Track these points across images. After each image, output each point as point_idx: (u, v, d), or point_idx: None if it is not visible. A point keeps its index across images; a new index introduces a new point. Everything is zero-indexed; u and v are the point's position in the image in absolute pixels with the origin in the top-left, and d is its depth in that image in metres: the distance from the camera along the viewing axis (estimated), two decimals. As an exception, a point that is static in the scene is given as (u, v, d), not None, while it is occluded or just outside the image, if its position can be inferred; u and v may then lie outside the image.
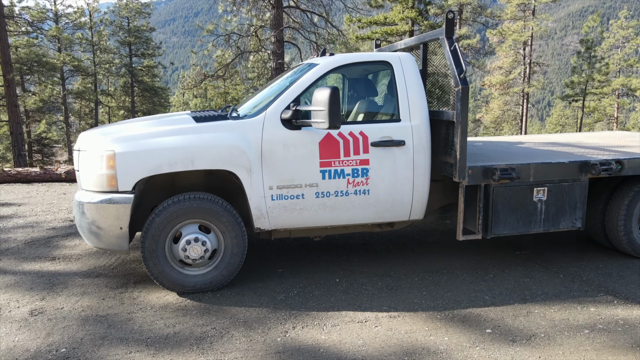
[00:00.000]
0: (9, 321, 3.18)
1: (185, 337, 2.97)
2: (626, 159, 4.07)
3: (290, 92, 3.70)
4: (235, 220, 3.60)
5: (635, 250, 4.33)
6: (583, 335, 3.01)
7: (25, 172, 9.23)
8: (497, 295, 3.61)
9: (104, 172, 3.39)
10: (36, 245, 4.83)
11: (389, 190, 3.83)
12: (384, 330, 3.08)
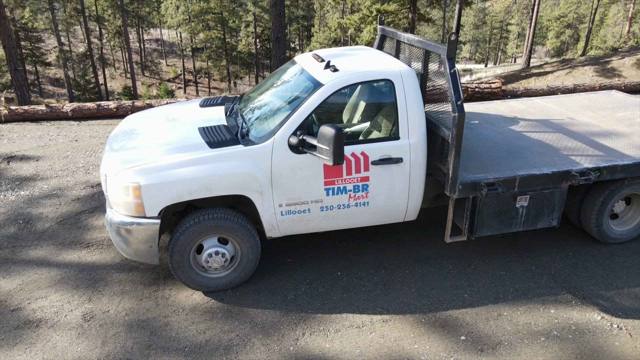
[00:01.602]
0: (67, 327, 3.83)
1: (215, 345, 3.65)
2: (605, 166, 4.43)
3: (296, 117, 3.94)
4: (250, 233, 4.09)
5: (602, 238, 4.89)
6: (539, 343, 3.69)
7: (32, 111, 9.41)
8: (474, 293, 4.25)
9: (131, 200, 3.80)
10: (67, 225, 5.36)
11: (387, 201, 4.26)
12: (377, 337, 3.75)
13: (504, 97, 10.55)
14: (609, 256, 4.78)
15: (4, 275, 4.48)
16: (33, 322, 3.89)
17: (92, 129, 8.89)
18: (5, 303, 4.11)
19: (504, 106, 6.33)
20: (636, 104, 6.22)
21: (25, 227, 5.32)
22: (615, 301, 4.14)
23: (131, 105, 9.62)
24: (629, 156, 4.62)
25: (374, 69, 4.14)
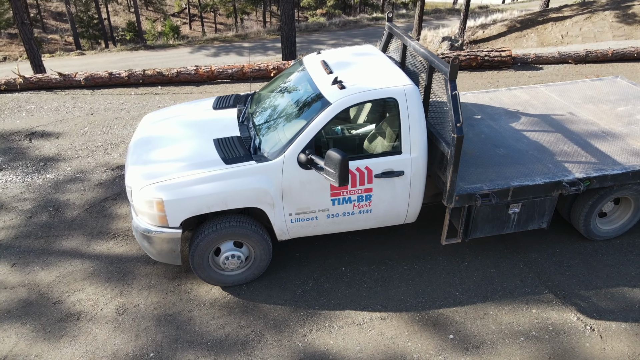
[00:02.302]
0: (104, 321, 4.37)
1: (233, 341, 4.19)
2: (595, 176, 4.71)
3: (305, 135, 4.21)
4: (262, 238, 4.51)
5: (589, 235, 5.26)
6: (518, 343, 4.19)
7: (47, 79, 9.61)
8: (465, 291, 4.71)
9: (155, 213, 4.19)
10: (94, 213, 5.80)
11: (388, 208, 4.62)
12: (376, 334, 4.26)
13: (513, 65, 10.52)
14: (593, 254, 5.18)
15: (43, 266, 4.99)
16: (74, 315, 4.43)
17: (106, 100, 9.13)
18: (47, 295, 4.65)
19: (507, 96, 6.47)
20: (638, 96, 6.33)
21: (56, 215, 5.78)
22: (592, 302, 4.59)
23: (142, 74, 9.77)
24: (619, 164, 4.87)
25: (379, 87, 4.34)
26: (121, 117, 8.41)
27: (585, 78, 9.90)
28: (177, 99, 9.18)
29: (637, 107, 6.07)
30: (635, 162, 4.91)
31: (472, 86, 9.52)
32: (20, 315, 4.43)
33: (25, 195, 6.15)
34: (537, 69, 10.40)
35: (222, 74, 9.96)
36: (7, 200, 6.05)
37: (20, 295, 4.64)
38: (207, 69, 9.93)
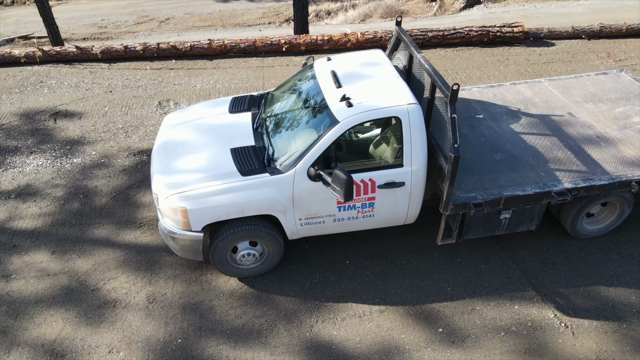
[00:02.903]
0: (137, 309, 5.01)
1: (249, 330, 4.81)
2: (583, 186, 5.08)
3: (314, 151, 4.60)
4: (275, 238, 5.02)
5: (574, 234, 5.71)
6: (498, 338, 4.76)
7: (64, 52, 9.88)
8: (456, 287, 5.24)
9: (179, 219, 4.69)
10: (120, 201, 6.33)
11: (389, 213, 5.07)
12: (374, 326, 4.85)
13: (525, 40, 10.50)
14: (577, 252, 5.64)
15: (79, 254, 5.59)
16: (110, 302, 5.07)
17: (123, 75, 9.42)
18: (85, 283, 5.27)
19: (511, 92, 6.68)
20: (638, 94, 6.52)
21: (86, 202, 6.32)
22: (570, 300, 5.11)
23: (157, 48, 9.97)
24: (607, 174, 5.21)
25: (384, 107, 4.65)
26: (138, 95, 8.75)
27: (596, 56, 9.93)
28: (191, 75, 9.44)
29: (636, 107, 6.29)
30: (623, 171, 5.25)
31: (481, 64, 9.62)
32: (64, 302, 5.08)
33: (56, 181, 6.67)
34: (549, 45, 10.39)
35: (234, 48, 10.12)
36: (40, 187, 6.58)
37: (62, 283, 5.27)
38: (220, 43, 10.09)
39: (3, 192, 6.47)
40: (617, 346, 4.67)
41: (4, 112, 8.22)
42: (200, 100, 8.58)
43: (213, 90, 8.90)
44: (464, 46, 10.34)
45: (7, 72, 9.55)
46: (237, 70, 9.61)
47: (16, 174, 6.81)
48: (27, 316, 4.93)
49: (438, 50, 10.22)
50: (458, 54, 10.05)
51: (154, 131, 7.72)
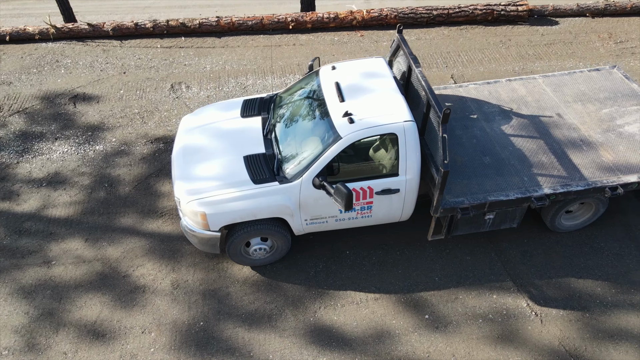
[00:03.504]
0: (163, 294, 5.76)
1: (261, 314, 5.56)
2: (560, 192, 5.62)
3: (319, 164, 5.14)
4: (283, 235, 5.66)
5: (553, 228, 6.32)
6: (477, 325, 5.50)
7: (77, 29, 10.15)
8: (443, 277, 5.93)
9: (199, 220, 5.32)
10: (142, 190, 6.94)
11: (385, 214, 5.68)
12: (369, 313, 5.59)
13: (530, 18, 10.60)
14: (554, 245, 6.28)
15: (109, 242, 6.29)
16: (140, 287, 5.82)
17: (135, 55, 9.75)
18: (117, 269, 6.00)
19: (506, 90, 7.05)
20: (627, 93, 6.88)
21: (111, 191, 6.94)
22: (542, 290, 5.81)
23: (166, 25, 10.20)
24: (585, 179, 5.73)
25: (383, 124, 5.13)
26: (151, 77, 9.14)
27: (598, 37, 10.10)
28: (200, 54, 9.75)
29: (622, 108, 6.68)
30: (599, 177, 5.77)
31: (483, 46, 9.83)
32: (100, 287, 5.83)
33: (82, 169, 7.27)
34: (553, 24, 10.51)
35: (242, 25, 10.33)
36: (68, 175, 7.19)
37: (96, 269, 6.01)
38: (228, 20, 10.29)
39: (35, 180, 7.09)
40: (578, 333, 5.41)
41: (26, 95, 8.68)
42: (210, 83, 8.97)
43: (222, 72, 9.26)
44: (468, 24, 10.48)
45: (23, 50, 9.89)
46: (245, 49, 9.90)
47: (45, 161, 7.40)
48: (69, 300, 5.70)
49: (442, 29, 10.39)
50: (462, 34, 10.23)
51: (168, 117, 8.20)
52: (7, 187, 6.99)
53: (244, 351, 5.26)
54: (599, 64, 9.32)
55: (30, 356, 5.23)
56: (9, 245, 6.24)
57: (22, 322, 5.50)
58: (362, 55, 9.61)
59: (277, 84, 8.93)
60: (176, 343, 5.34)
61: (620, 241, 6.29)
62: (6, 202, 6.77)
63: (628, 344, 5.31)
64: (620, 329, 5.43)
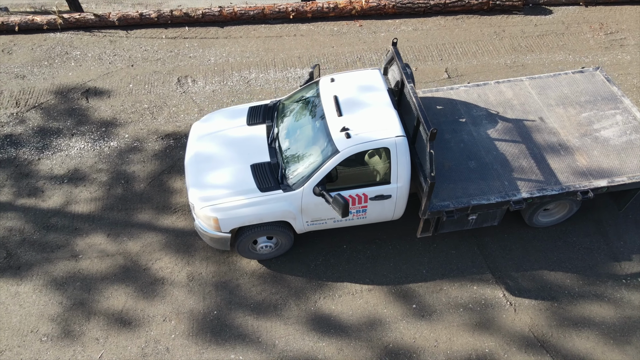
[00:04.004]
0: (180, 285, 6.46)
1: (268, 304, 6.29)
2: (536, 196, 6.22)
3: (319, 175, 5.72)
4: (287, 234, 6.31)
5: (531, 224, 6.96)
6: (458, 313, 6.23)
7: (83, 20, 10.45)
8: (430, 270, 6.63)
9: (212, 224, 5.95)
10: (156, 186, 7.53)
11: (378, 215, 6.31)
12: (363, 303, 6.32)
13: (525, 7, 10.86)
14: (531, 239, 6.94)
15: (130, 237, 6.95)
16: (159, 280, 6.52)
17: (141, 46, 10.10)
18: (138, 262, 6.69)
19: (494, 93, 7.51)
20: (607, 97, 7.35)
21: (127, 187, 7.55)
22: (518, 282, 6.51)
23: (170, 16, 10.48)
24: (559, 184, 6.32)
25: (376, 139, 5.67)
26: (158, 70, 9.54)
27: (589, 27, 10.41)
28: (204, 45, 10.10)
29: (600, 112, 7.18)
30: (572, 182, 6.36)
31: (478, 37, 10.17)
32: (123, 279, 6.54)
33: (99, 166, 7.84)
34: (547, 13, 10.78)
35: (244, 15, 10.62)
36: (87, 171, 7.77)
37: (119, 262, 6.70)
38: (230, 10, 10.57)
39: (57, 177, 7.68)
40: (546, 321, 6.16)
41: (40, 90, 9.12)
42: (215, 76, 9.39)
43: (226, 65, 9.65)
44: (465, 14, 10.75)
45: (33, 41, 10.23)
46: (247, 40, 10.23)
47: (64, 158, 7.97)
48: (97, 291, 6.42)
49: (439, 19, 10.68)
50: (457, 24, 10.53)
51: (176, 112, 8.69)
52: (32, 183, 7.59)
53: (253, 337, 6.02)
54: (588, 57, 9.71)
55: (66, 342, 6.00)
56: (38, 240, 6.91)
57: (57, 312, 6.24)
58: (360, 47, 9.98)
59: (279, 78, 9.35)
60: (193, 330, 6.10)
61: (591, 236, 6.96)
62: (32, 199, 7.39)
63: (589, 331, 6.07)
64: (583, 318, 6.18)
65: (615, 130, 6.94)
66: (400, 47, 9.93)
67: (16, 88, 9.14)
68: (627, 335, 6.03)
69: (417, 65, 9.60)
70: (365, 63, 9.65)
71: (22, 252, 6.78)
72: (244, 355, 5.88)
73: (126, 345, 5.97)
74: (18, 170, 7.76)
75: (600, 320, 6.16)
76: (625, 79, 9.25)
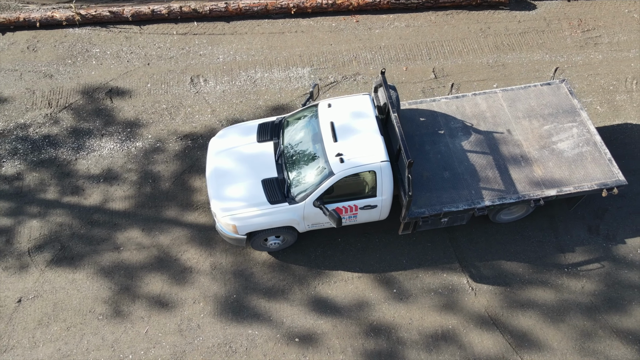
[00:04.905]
0: (205, 273, 7.95)
1: (277, 289, 7.81)
2: (497, 204, 7.55)
3: (318, 192, 7.03)
4: (292, 234, 7.71)
5: (494, 220, 8.34)
6: (429, 297, 7.77)
7: (99, 16, 11.26)
8: (409, 260, 8.10)
9: (231, 229, 7.34)
10: (179, 185, 8.83)
11: (367, 218, 7.70)
12: (354, 288, 7.84)
13: (510, 2, 11.60)
14: (494, 233, 8.36)
15: (160, 231, 8.36)
16: (188, 268, 8.01)
17: (155, 43, 10.99)
18: (169, 254, 8.14)
19: (470, 105, 8.62)
20: (567, 109, 8.47)
21: (155, 186, 8.85)
22: (480, 270, 8.00)
23: (179, 12, 11.28)
24: (517, 193, 7.63)
25: (365, 164, 6.93)
26: (172, 69, 10.52)
27: (569, 24, 11.24)
28: (213, 42, 10.98)
29: (560, 125, 8.34)
30: (528, 191, 7.66)
31: (464, 35, 11.03)
32: (158, 268, 8.02)
33: (129, 166, 9.10)
34: (531, 8, 11.52)
35: (248, 11, 11.40)
36: (118, 171, 9.04)
37: (154, 254, 8.15)
38: (236, 6, 11.35)
39: (94, 176, 8.97)
40: (499, 303, 7.71)
41: (67, 90, 10.17)
42: (224, 76, 10.39)
43: (234, 63, 10.61)
44: (454, 9, 11.52)
45: (54, 37, 11.10)
46: (252, 36, 11.10)
47: (97, 158, 9.21)
48: (138, 278, 7.93)
49: (430, 15, 11.46)
50: (447, 20, 11.34)
51: (191, 113, 9.80)
52: (73, 182, 8.90)
53: (265, 316, 7.60)
54: (563, 56, 10.65)
55: (118, 320, 7.58)
56: (85, 234, 8.33)
57: (108, 295, 7.78)
58: (356, 45, 10.87)
59: (282, 78, 10.35)
60: (218, 310, 7.66)
61: (543, 231, 8.37)
62: (75, 197, 8.72)
63: (532, 311, 7.64)
64: (529, 300, 7.73)
65: (570, 143, 8.15)
66: (393, 47, 10.84)
67: (46, 88, 10.18)
68: (562, 314, 7.61)
69: (408, 64, 10.58)
70: (360, 62, 10.61)
71: (73, 244, 8.22)
72: (259, 331, 7.49)
73: (165, 323, 7.55)
74: (60, 170, 9.03)
75: (542, 302, 7.71)
76: (593, 79, 10.27)
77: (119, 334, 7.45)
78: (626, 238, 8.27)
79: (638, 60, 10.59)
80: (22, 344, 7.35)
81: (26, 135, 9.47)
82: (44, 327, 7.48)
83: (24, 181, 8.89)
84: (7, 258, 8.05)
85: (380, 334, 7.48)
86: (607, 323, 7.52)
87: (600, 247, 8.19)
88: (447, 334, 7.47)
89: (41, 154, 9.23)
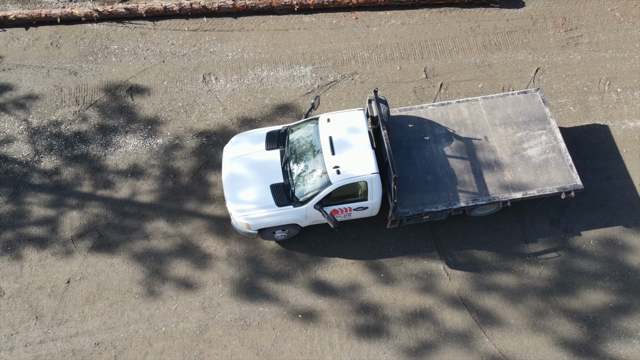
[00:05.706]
0: (222, 259, 9.41)
1: (283, 274, 9.29)
2: (470, 205, 8.86)
3: (317, 198, 8.34)
4: (295, 228, 9.09)
5: (470, 214, 9.70)
6: (411, 281, 9.26)
7: (115, 12, 12.07)
8: (396, 248, 9.52)
9: (245, 226, 8.71)
10: (197, 180, 10.11)
11: (359, 216, 9.04)
12: (347, 272, 9.32)
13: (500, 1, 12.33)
14: (469, 226, 9.73)
15: (183, 222, 9.74)
16: (207, 255, 9.46)
17: (168, 40, 11.87)
18: (190, 242, 9.57)
19: (453, 112, 9.70)
20: (539, 117, 9.57)
21: (176, 181, 10.13)
22: (455, 258, 9.44)
23: (190, 8, 12.07)
24: (487, 195, 8.91)
25: (358, 175, 8.18)
26: (185, 67, 11.49)
27: (553, 23, 12.04)
28: (222, 39, 11.86)
29: (531, 132, 9.48)
30: (497, 193, 8.94)
31: (455, 34, 11.87)
32: (183, 254, 9.47)
33: (152, 162, 10.34)
34: (520, 6, 12.24)
35: (254, 7, 12.18)
36: (143, 167, 10.29)
37: (178, 242, 9.57)
38: (242, 3, 12.12)
39: (122, 171, 10.23)
40: (469, 286, 9.21)
41: (92, 87, 11.20)
42: (233, 74, 11.37)
43: (242, 61, 11.56)
44: (448, 7, 12.26)
45: (75, 33, 11.96)
46: (258, 33, 11.96)
47: (124, 154, 10.43)
48: (166, 263, 9.40)
49: (425, 12, 12.23)
50: (440, 18, 12.13)
51: (205, 111, 10.90)
52: (104, 177, 10.18)
53: (274, 297, 9.14)
54: (545, 56, 11.56)
55: (151, 298, 9.12)
56: (119, 224, 9.72)
57: (142, 277, 9.28)
58: (355, 44, 11.75)
59: (286, 77, 11.34)
60: (234, 291, 9.19)
61: (512, 224, 9.74)
62: (107, 190, 10.04)
63: (496, 293, 9.16)
64: (494, 284, 9.23)
65: (538, 150, 9.33)
66: (389, 45, 11.73)
67: (72, 85, 11.22)
68: (520, 296, 9.13)
69: (402, 63, 11.53)
70: (358, 61, 11.55)
71: (109, 233, 9.63)
72: (269, 309, 9.06)
73: (191, 301, 9.11)
74: (92, 165, 10.29)
75: (505, 286, 9.21)
76: (570, 80, 11.26)
77: (153, 310, 9.03)
78: (582, 230, 9.65)
79: (614, 60, 11.51)
80: (73, 317, 8.94)
81: (59, 132, 10.64)
82: (91, 304, 9.05)
83: (62, 175, 10.17)
84: (55, 245, 9.50)
85: (369, 311, 9.04)
86: (557, 304, 9.06)
87: (559, 239, 9.59)
88: (424, 312, 9.03)
89: (74, 150, 10.44)
